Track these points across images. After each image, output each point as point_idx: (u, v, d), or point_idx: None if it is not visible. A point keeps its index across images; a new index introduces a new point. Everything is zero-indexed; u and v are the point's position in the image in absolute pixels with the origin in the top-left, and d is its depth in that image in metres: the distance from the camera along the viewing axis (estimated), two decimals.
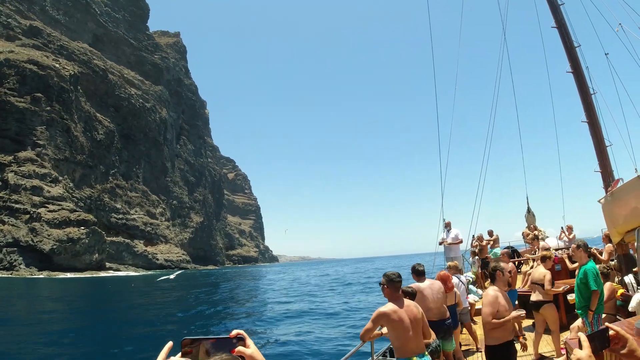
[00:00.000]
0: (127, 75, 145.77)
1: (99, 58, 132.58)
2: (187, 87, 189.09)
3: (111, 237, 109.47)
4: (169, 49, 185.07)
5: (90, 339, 17.45)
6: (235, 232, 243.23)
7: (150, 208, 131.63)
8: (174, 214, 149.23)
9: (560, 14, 11.11)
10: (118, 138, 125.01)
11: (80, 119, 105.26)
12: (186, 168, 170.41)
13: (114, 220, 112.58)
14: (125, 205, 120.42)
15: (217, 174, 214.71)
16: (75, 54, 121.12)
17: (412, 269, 6.71)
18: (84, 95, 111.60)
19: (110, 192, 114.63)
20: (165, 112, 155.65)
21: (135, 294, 42.72)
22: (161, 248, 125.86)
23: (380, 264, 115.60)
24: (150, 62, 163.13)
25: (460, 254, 13.71)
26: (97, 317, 24.84)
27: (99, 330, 19.91)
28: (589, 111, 10.43)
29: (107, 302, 35.84)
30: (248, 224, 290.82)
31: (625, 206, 7.54)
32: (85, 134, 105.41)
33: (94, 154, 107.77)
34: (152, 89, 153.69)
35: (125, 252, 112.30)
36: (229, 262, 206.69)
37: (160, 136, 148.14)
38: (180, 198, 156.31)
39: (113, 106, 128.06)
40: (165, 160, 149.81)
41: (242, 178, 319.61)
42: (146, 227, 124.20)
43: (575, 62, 10.76)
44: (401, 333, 4.61)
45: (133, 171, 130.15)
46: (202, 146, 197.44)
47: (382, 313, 4.63)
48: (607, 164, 10.11)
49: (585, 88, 10.64)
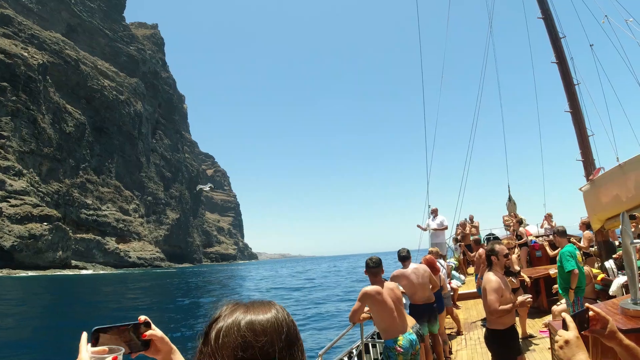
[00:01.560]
0: (101, 66, 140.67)
1: (71, 48, 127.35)
2: (164, 80, 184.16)
3: (81, 234, 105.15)
4: (145, 41, 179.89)
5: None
6: (213, 229, 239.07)
7: (123, 204, 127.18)
8: (149, 211, 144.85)
9: (546, 5, 11.12)
10: (90, 131, 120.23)
11: (48, 110, 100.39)
12: (162, 163, 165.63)
13: (84, 217, 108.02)
14: (97, 200, 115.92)
15: (195, 170, 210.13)
16: (47, 43, 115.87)
17: (397, 254, 6.90)
18: (53, 86, 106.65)
19: (80, 187, 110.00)
20: (140, 105, 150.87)
21: (89, 293, 40.19)
22: (134, 245, 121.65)
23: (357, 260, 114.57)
24: (125, 53, 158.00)
25: (445, 240, 14.01)
26: (35, 319, 22.59)
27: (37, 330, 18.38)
28: (572, 101, 10.53)
29: (55, 302, 33.49)
30: (227, 221, 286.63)
31: (607, 194, 7.90)
32: (54, 126, 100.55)
33: (63, 147, 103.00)
34: (127, 81, 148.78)
35: (95, 250, 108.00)
36: (207, 260, 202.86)
37: (135, 130, 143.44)
38: (156, 194, 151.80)
39: (85, 98, 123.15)
40: (140, 155, 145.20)
41: (221, 174, 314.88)
42: (118, 224, 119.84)
43: (560, 53, 10.82)
44: (386, 314, 4.86)
45: (105, 166, 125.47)
46: (179, 141, 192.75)
47: (367, 292, 4.89)
48: (588, 153, 10.25)
49: (569, 78, 10.71)
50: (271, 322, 1.03)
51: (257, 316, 1.04)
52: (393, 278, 6.61)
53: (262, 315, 1.04)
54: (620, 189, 7.47)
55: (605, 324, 1.64)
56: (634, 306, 3.23)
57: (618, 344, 1.62)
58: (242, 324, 1.02)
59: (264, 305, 1.09)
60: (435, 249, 9.75)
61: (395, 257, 7.08)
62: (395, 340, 4.84)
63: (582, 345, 1.51)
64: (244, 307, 1.08)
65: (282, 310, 1.09)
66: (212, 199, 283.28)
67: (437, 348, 6.95)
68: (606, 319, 1.63)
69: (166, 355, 1.30)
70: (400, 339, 4.83)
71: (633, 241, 3.35)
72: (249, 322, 1.02)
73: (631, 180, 7.17)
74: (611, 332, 1.63)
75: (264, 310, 1.07)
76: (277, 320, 1.04)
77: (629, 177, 7.24)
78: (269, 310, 1.07)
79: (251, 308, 1.07)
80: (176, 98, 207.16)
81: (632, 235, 3.38)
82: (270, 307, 1.09)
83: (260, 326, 1.02)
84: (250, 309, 1.07)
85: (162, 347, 1.29)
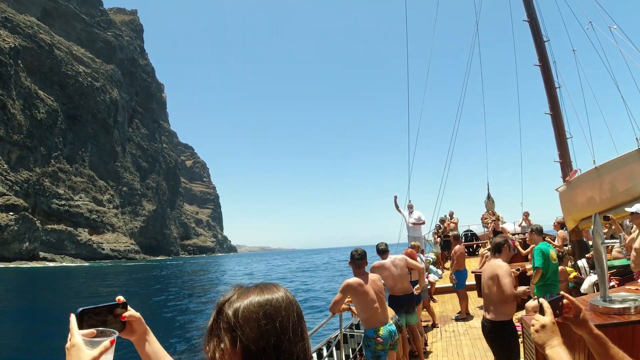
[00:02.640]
0: (76, 52, 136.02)
1: (46, 32, 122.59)
2: (142, 68, 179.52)
3: (52, 225, 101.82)
4: (124, 27, 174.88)
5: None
6: (191, 221, 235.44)
7: (97, 194, 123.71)
8: (124, 201, 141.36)
9: (532, 8, 11.32)
10: (63, 118, 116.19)
11: (19, 95, 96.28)
12: (138, 153, 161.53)
13: (55, 207, 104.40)
14: (69, 190, 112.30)
15: (173, 161, 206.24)
16: (20, 27, 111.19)
17: (375, 248, 7.07)
18: (24, 71, 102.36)
19: (51, 176, 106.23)
20: (116, 93, 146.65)
21: (51, 287, 38.80)
22: (107, 237, 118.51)
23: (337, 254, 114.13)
24: (102, 39, 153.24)
25: (422, 235, 14.31)
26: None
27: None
28: (552, 104, 10.75)
29: (14, 295, 31.85)
30: (206, 213, 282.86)
31: (582, 195, 8.31)
32: (24, 112, 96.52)
33: (34, 134, 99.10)
34: (102, 68, 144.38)
35: (67, 241, 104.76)
36: (184, 253, 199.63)
37: (110, 118, 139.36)
38: (131, 184, 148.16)
39: (58, 84, 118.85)
40: (115, 144, 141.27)
41: (200, 166, 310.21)
42: (91, 215, 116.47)
43: (543, 56, 11.03)
44: (368, 305, 4.94)
45: (79, 154, 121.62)
46: (157, 130, 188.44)
47: (349, 284, 4.93)
48: (566, 154, 10.50)
49: (550, 81, 10.93)
50: (284, 299, 1.12)
51: (273, 295, 1.12)
52: (373, 269, 6.64)
53: (276, 294, 1.13)
54: (595, 191, 7.93)
55: (578, 312, 1.70)
56: (603, 303, 3.37)
57: (588, 332, 1.68)
58: (263, 301, 1.09)
59: (273, 286, 1.17)
60: (417, 243, 10.08)
61: (374, 251, 7.17)
62: (376, 330, 4.95)
63: (557, 330, 1.57)
64: (257, 288, 1.15)
65: (287, 290, 1.18)
66: (191, 190, 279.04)
67: (417, 342, 7.04)
68: (579, 308, 1.70)
69: (141, 335, 1.31)
70: (381, 329, 4.94)
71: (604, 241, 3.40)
72: (268, 300, 1.10)
73: (606, 183, 7.59)
74: (583, 321, 1.69)
75: (276, 290, 1.15)
76: (288, 297, 1.14)
77: (604, 180, 7.65)
78: (279, 289, 1.16)
79: (264, 289, 1.15)
80: (154, 87, 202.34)
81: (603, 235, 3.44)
82: (279, 287, 1.17)
83: (277, 303, 1.10)
84: (264, 289, 1.14)
85: (138, 328, 1.29)
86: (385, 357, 5.03)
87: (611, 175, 7.49)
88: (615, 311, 3.30)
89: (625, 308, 3.28)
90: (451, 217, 18.79)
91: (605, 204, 7.62)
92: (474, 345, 7.24)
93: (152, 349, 1.33)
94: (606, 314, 3.32)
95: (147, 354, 1.33)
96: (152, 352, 1.33)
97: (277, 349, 1.05)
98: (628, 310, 3.26)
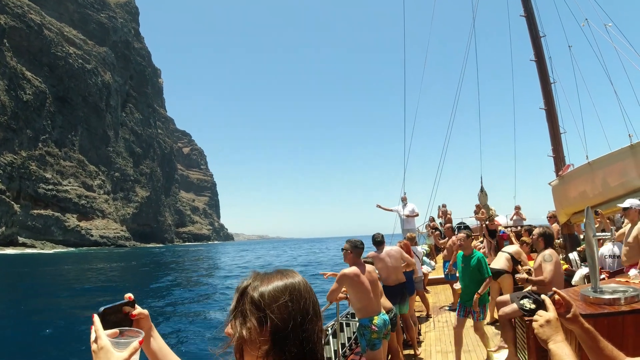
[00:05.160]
0: (68, 33, 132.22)
1: (36, 13, 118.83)
2: (136, 51, 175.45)
3: (38, 210, 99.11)
4: (118, 9, 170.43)
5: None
6: (187, 208, 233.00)
7: (87, 179, 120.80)
8: (116, 187, 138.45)
9: (529, 3, 11.36)
10: (51, 100, 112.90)
11: (3, 75, 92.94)
12: (132, 138, 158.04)
13: (42, 191, 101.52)
14: (57, 175, 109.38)
15: (168, 147, 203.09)
16: (9, 6, 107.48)
17: (372, 238, 7.25)
18: (10, 50, 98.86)
19: (39, 159, 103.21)
20: (109, 76, 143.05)
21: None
22: (97, 223, 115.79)
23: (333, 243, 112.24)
24: (95, 20, 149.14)
25: (416, 227, 14.42)
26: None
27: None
28: (547, 99, 10.86)
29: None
30: (203, 200, 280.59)
31: (574, 189, 8.78)
32: (9, 93, 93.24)
33: (19, 116, 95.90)
34: (95, 50, 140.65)
35: (54, 227, 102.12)
36: (179, 240, 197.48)
37: (102, 102, 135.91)
38: (124, 170, 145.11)
39: (47, 65, 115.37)
40: (108, 129, 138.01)
41: (197, 153, 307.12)
42: (80, 200, 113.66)
43: (539, 51, 11.12)
44: (363, 295, 5.04)
45: (68, 138, 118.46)
46: (152, 115, 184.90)
47: (346, 274, 5.00)
48: (560, 149, 10.63)
49: (546, 77, 11.01)
50: (303, 283, 1.19)
51: (294, 279, 1.19)
52: (372, 258, 6.74)
53: (296, 278, 1.20)
54: (587, 186, 8.19)
55: (569, 308, 1.73)
56: (593, 294, 3.52)
57: (579, 327, 1.71)
58: (286, 284, 1.16)
59: (291, 271, 1.24)
60: (413, 234, 10.25)
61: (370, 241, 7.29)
62: (371, 319, 5.05)
63: (560, 326, 1.60)
64: (278, 274, 1.21)
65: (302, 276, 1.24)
66: (188, 177, 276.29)
67: (410, 332, 7.15)
68: (570, 303, 1.73)
69: (147, 332, 1.31)
70: (375, 319, 5.06)
71: (595, 234, 3.48)
72: (291, 284, 1.16)
73: (598, 178, 7.82)
74: (574, 316, 1.72)
75: (294, 275, 1.22)
76: (305, 282, 1.21)
77: (596, 175, 7.87)
78: (296, 275, 1.22)
79: (284, 274, 1.21)
80: (150, 71, 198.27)
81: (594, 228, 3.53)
82: (296, 273, 1.23)
83: (298, 286, 1.17)
84: (284, 275, 1.20)
85: (145, 325, 1.30)
86: (380, 346, 5.16)
87: (604, 170, 7.70)
88: (606, 302, 3.36)
89: (615, 299, 3.38)
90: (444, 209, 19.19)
91: (597, 198, 7.80)
92: (466, 335, 7.20)
93: (158, 345, 1.34)
94: (597, 304, 3.41)
95: (152, 350, 1.33)
96: (157, 349, 1.34)
97: (302, 326, 1.12)
98: (618, 301, 3.35)
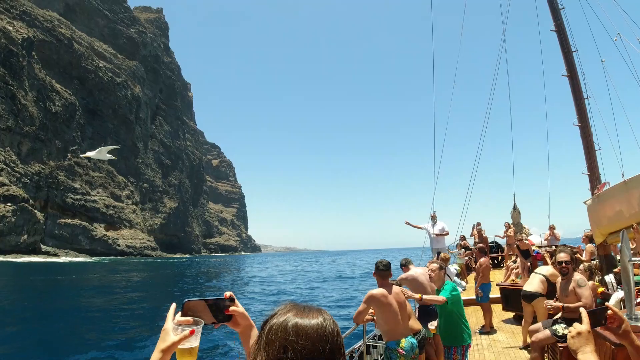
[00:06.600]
0: (98, 47, 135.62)
1: (67, 27, 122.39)
2: (166, 65, 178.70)
3: (66, 219, 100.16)
4: (148, 24, 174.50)
5: None
6: (215, 219, 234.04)
7: (116, 190, 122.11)
8: (144, 198, 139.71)
9: (560, 18, 11.14)
10: (81, 112, 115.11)
11: (32, 87, 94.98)
12: (161, 150, 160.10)
13: (70, 201, 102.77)
14: (86, 185, 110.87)
15: (197, 159, 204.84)
16: (39, 20, 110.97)
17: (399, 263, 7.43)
18: (39, 63, 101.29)
19: (67, 170, 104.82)
20: (138, 89, 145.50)
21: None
22: (124, 233, 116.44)
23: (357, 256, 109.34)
24: (125, 35, 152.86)
25: (446, 245, 14.19)
26: None
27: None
28: (581, 115, 10.55)
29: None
30: (231, 212, 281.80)
31: (610, 209, 8.43)
32: (38, 104, 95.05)
33: (48, 127, 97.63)
34: (125, 64, 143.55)
35: (81, 236, 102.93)
36: (206, 251, 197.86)
37: (132, 114, 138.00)
38: (153, 181, 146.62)
39: (78, 78, 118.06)
40: (137, 140, 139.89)
41: (226, 165, 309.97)
42: (108, 210, 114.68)
43: (572, 67, 10.81)
44: (390, 317, 4.90)
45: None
46: (181, 128, 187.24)
47: (373, 295, 4.88)
48: (595, 167, 10.29)
49: (579, 92, 10.67)
50: (315, 328, 1.07)
51: (304, 320, 1.08)
52: (402, 280, 6.81)
53: (309, 320, 1.08)
54: (623, 205, 8.05)
55: (620, 323, 1.76)
56: (629, 321, 3.34)
57: (630, 343, 1.73)
58: (290, 325, 1.07)
59: (314, 311, 1.13)
60: (447, 255, 10.94)
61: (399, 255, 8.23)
62: (398, 342, 4.94)
63: (592, 339, 1.62)
64: (297, 309, 1.13)
65: (330, 320, 1.12)
66: (216, 189, 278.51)
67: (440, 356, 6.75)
68: (622, 319, 1.76)
69: (245, 329, 1.45)
70: (403, 342, 4.93)
71: (631, 259, 3.27)
72: (295, 324, 1.07)
73: (634, 197, 7.71)
74: (625, 332, 1.75)
75: (313, 315, 1.11)
76: (321, 327, 1.08)
77: (632, 194, 7.78)
78: (317, 316, 1.11)
79: (302, 311, 1.12)
80: (180, 85, 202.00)
81: (630, 253, 3.38)
82: (319, 314, 1.12)
83: (305, 330, 1.06)
84: (301, 312, 1.12)
85: (242, 322, 1.43)
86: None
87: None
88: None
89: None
90: (479, 227, 18.86)
91: (634, 218, 7.62)
92: (498, 359, 6.83)
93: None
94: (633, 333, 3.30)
95: (247, 349, 1.42)
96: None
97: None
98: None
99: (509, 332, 8.90)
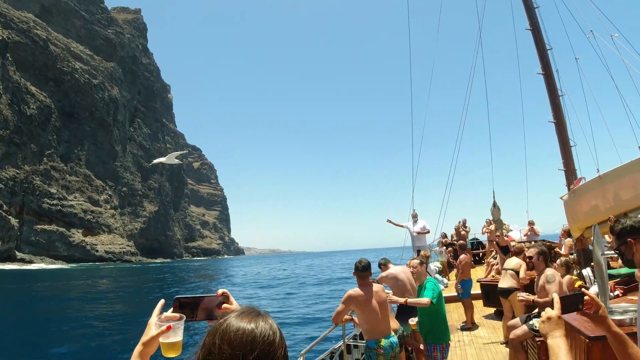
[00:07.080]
0: (75, 49, 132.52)
1: (42, 28, 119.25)
2: (144, 67, 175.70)
3: (42, 225, 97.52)
4: (125, 25, 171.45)
5: None
6: (196, 223, 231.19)
7: (93, 194, 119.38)
8: (123, 202, 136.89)
9: (535, 17, 11.30)
10: (57, 115, 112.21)
11: (6, 89, 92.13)
12: (140, 153, 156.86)
13: (47, 206, 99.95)
14: (63, 190, 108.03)
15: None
16: (14, 22, 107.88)
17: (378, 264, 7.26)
18: (13, 65, 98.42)
19: (43, 174, 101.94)
20: (116, 91, 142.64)
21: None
22: (102, 238, 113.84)
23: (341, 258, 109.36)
24: (102, 36, 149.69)
25: (427, 244, 14.26)
26: None
27: None
28: (556, 112, 10.80)
29: None
30: (213, 215, 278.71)
31: (586, 204, 8.74)
32: (12, 107, 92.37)
33: (22, 131, 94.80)
34: (102, 65, 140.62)
35: (58, 242, 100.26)
36: (188, 255, 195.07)
37: (110, 117, 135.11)
38: (132, 185, 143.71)
39: (53, 80, 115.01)
40: (115, 143, 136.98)
41: (208, 167, 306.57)
42: (86, 215, 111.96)
43: (547, 65, 11.06)
44: (369, 315, 4.92)
45: (74, 153, 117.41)
46: (160, 130, 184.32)
47: (351, 295, 4.93)
48: (570, 163, 10.52)
49: (554, 90, 10.92)
50: (240, 334, 1.03)
51: (237, 323, 1.05)
52: (382, 279, 6.81)
53: (241, 324, 1.05)
54: (599, 199, 8.29)
55: (598, 309, 1.78)
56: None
57: (607, 329, 1.74)
58: (222, 328, 1.05)
59: (254, 316, 1.09)
60: (427, 253, 11.24)
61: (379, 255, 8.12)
62: (377, 341, 4.93)
63: (561, 324, 1.62)
64: (242, 313, 1.10)
65: (269, 328, 1.07)
66: (198, 192, 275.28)
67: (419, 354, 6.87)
68: (599, 304, 1.77)
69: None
70: (382, 341, 4.93)
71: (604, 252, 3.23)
72: (225, 328, 1.05)
73: (609, 192, 7.95)
74: (602, 317, 1.76)
75: (248, 320, 1.07)
76: (249, 334, 1.04)
77: (607, 189, 7.98)
78: (252, 322, 1.07)
79: (241, 315, 1.09)
80: (159, 86, 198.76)
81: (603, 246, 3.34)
82: (257, 320, 1.08)
83: (229, 335, 1.03)
84: (240, 316, 1.09)
85: None
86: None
87: (615, 183, 7.69)
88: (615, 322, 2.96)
89: (625, 320, 3.32)
90: (464, 225, 18.98)
91: (609, 212, 7.66)
92: (479, 356, 6.92)
93: None
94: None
95: None
96: None
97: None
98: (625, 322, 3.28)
99: (490, 328, 9.06)
